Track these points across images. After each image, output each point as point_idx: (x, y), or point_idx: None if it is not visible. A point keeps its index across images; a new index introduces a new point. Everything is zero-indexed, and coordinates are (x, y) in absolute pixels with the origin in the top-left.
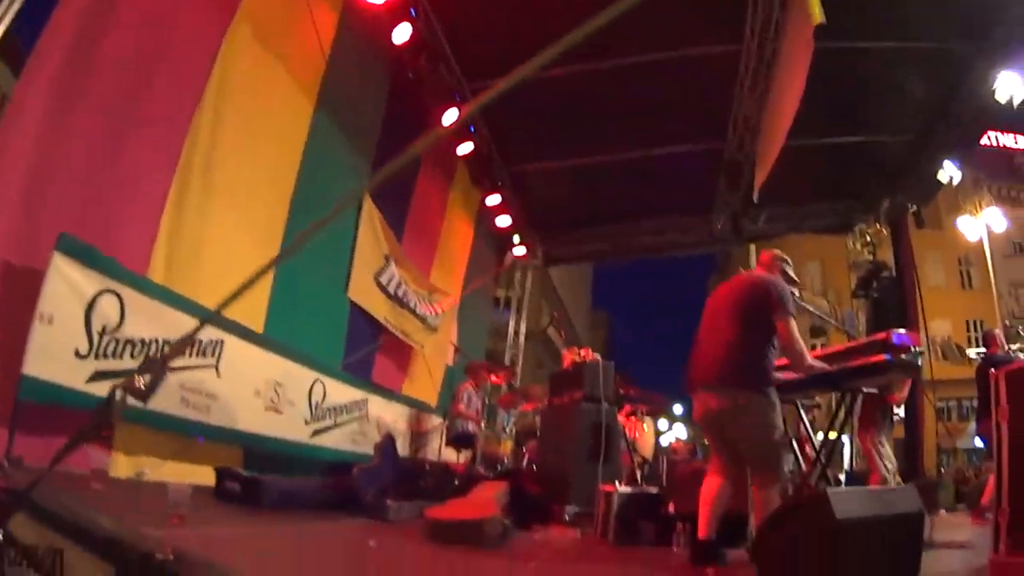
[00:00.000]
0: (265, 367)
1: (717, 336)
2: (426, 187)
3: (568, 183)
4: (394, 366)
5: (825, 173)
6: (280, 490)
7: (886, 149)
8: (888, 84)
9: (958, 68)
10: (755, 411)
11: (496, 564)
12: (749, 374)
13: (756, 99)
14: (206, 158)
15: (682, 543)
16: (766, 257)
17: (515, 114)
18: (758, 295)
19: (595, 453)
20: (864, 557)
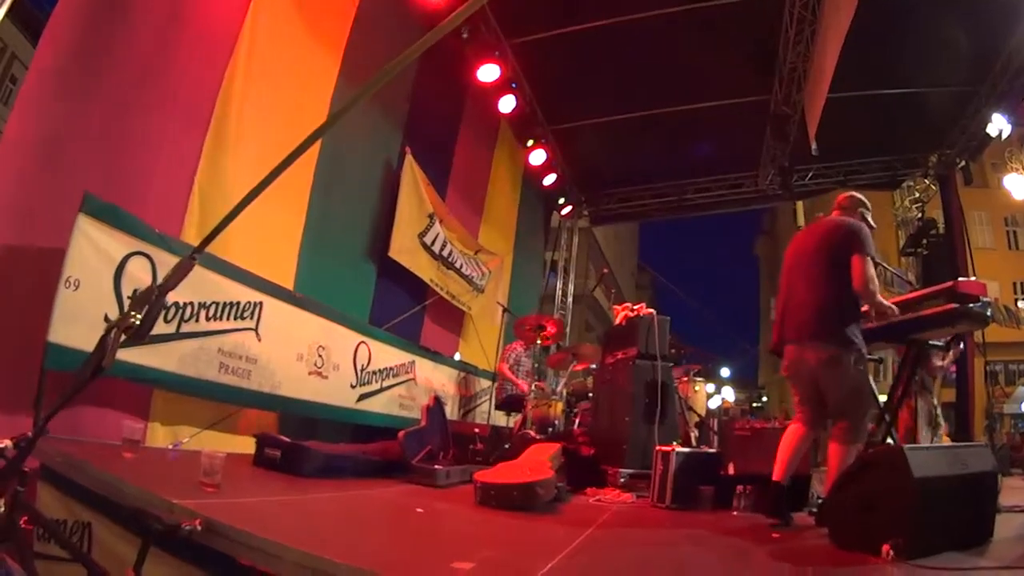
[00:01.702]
0: (307, 329)
1: (806, 287)
2: (468, 145)
3: (612, 140)
4: (445, 329)
5: (872, 127)
6: (323, 456)
7: (934, 101)
8: (935, 34)
9: (1008, 16)
10: (847, 364)
11: (550, 528)
12: (841, 327)
13: (802, 49)
14: (236, 120)
15: (742, 505)
16: (844, 199)
17: (557, 70)
18: (842, 238)
19: (651, 412)
20: (940, 516)
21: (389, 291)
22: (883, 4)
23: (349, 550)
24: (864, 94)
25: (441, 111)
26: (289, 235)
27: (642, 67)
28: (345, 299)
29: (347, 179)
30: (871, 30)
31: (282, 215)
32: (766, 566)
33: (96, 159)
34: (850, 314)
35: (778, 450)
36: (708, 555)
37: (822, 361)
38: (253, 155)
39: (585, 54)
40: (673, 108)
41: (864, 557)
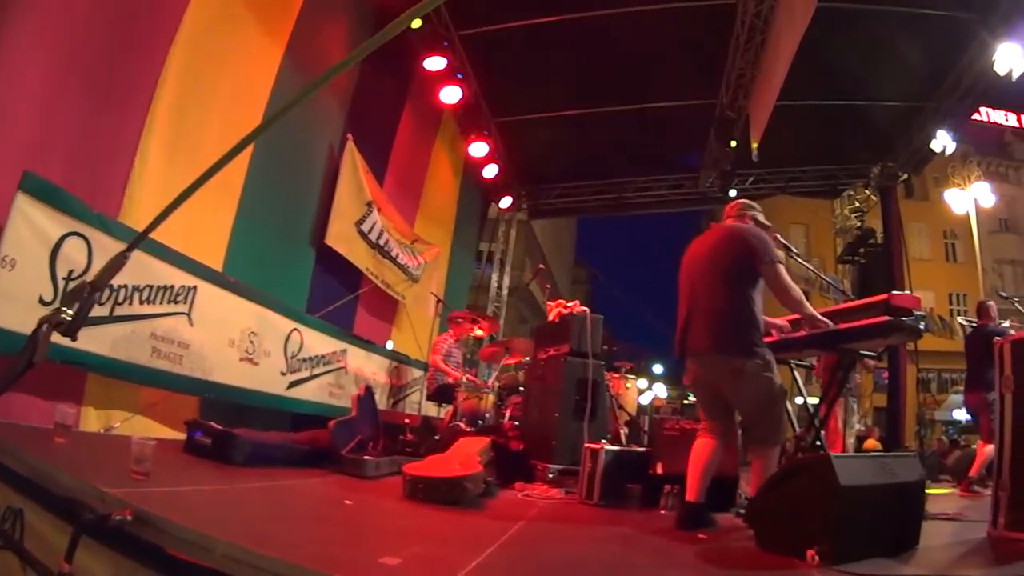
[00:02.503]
0: (239, 315)
1: (703, 299)
2: (409, 134)
3: (556, 135)
4: (378, 318)
5: (817, 136)
6: (254, 445)
7: (880, 115)
8: (887, 49)
9: (960, 37)
10: (752, 374)
11: (478, 523)
12: (741, 337)
13: (751, 56)
14: (176, 103)
15: (670, 505)
16: (732, 208)
17: (505, 63)
18: (736, 247)
19: (581, 409)
20: (866, 523)
21: (326, 278)
22: (837, 17)
23: (278, 543)
24: (811, 103)
25: (384, 98)
26: (220, 218)
27: (590, 64)
28: (281, 285)
29: (286, 163)
30: (823, 41)
31: (213, 197)
32: (692, 567)
33: (34, 139)
34: (748, 323)
35: (688, 468)
36: (634, 554)
37: (725, 374)
38: (193, 138)
39: (534, 49)
40: (619, 107)
41: (789, 561)
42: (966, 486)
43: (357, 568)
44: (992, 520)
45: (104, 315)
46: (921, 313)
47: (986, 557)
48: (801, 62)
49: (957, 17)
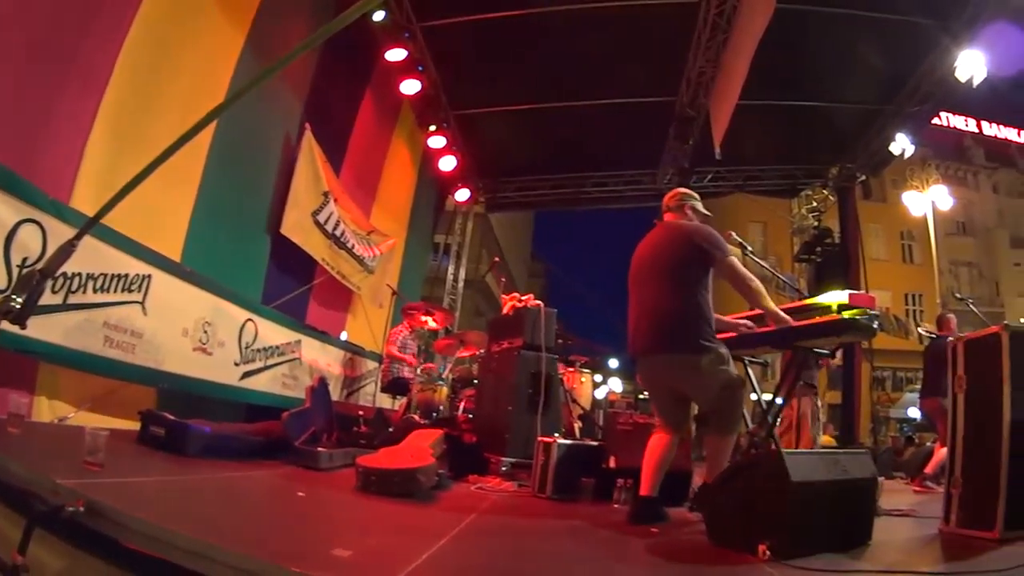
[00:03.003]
0: (194, 304)
1: (654, 299)
2: (367, 125)
3: (515, 129)
4: (332, 308)
5: (777, 135)
6: (207, 436)
7: (840, 116)
8: (849, 52)
9: (922, 43)
10: (707, 369)
11: (430, 516)
12: (692, 335)
13: (712, 55)
14: (133, 89)
15: (623, 499)
16: (670, 199)
17: (467, 56)
18: (684, 247)
19: (534, 403)
20: (817, 519)
21: (281, 268)
22: (800, 18)
23: (230, 534)
24: (772, 103)
25: (344, 89)
26: (179, 206)
27: (552, 59)
28: (237, 275)
29: (245, 152)
30: (786, 42)
31: (173, 185)
32: (643, 560)
33: None
34: (700, 320)
35: (643, 463)
36: (586, 547)
37: (681, 372)
38: (150, 124)
39: (496, 42)
40: (579, 102)
41: (741, 555)
42: (920, 482)
43: (308, 560)
44: (944, 517)
45: (57, 303)
46: (875, 312)
47: (937, 553)
48: (763, 62)
49: (920, 23)
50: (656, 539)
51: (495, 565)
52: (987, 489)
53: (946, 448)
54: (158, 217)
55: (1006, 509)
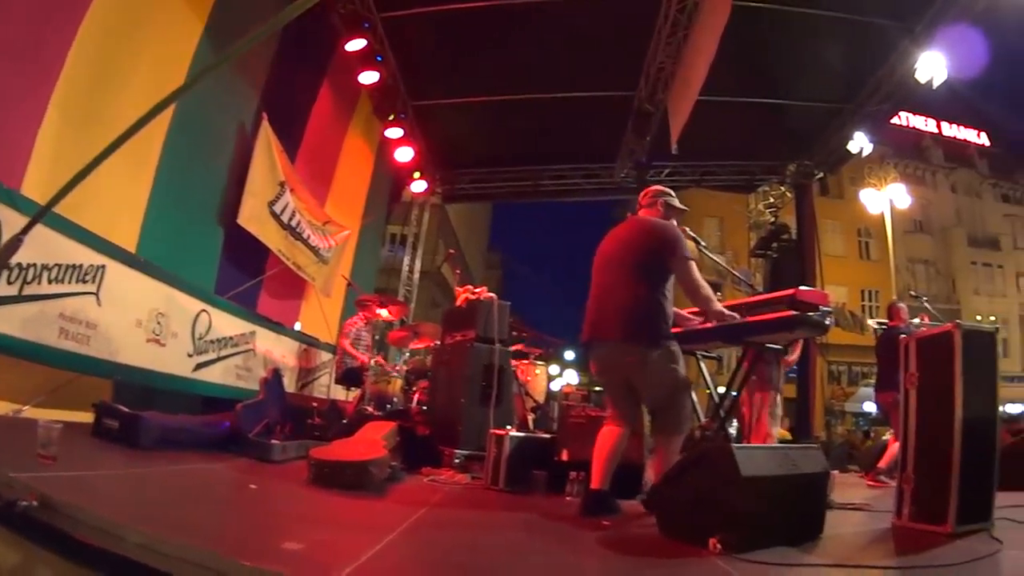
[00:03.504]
0: (148, 295)
1: (613, 288)
2: (324, 115)
3: (474, 121)
4: (284, 299)
5: (735, 132)
6: (161, 428)
7: (799, 114)
8: (810, 51)
9: (883, 44)
10: (658, 363)
11: (382, 508)
12: (649, 328)
13: (673, 49)
14: (88, 76)
15: (575, 491)
16: (644, 197)
17: (426, 47)
18: (648, 240)
19: (486, 395)
20: (768, 513)
21: (233, 258)
22: (763, 17)
23: (181, 527)
24: (731, 100)
25: (301, 78)
26: (135, 196)
27: (512, 52)
28: (190, 265)
29: (200, 142)
30: (747, 40)
31: (129, 175)
32: (594, 553)
33: None
34: (656, 314)
35: (593, 456)
36: (537, 540)
37: (631, 363)
38: (105, 111)
39: (456, 34)
40: (538, 95)
41: (692, 549)
42: (873, 477)
43: (259, 553)
44: (896, 511)
45: (13, 295)
46: (827, 309)
47: (889, 547)
48: (723, 58)
49: (882, 24)
50: (608, 532)
51: (446, 559)
52: (939, 484)
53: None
54: (114, 207)
55: (958, 503)
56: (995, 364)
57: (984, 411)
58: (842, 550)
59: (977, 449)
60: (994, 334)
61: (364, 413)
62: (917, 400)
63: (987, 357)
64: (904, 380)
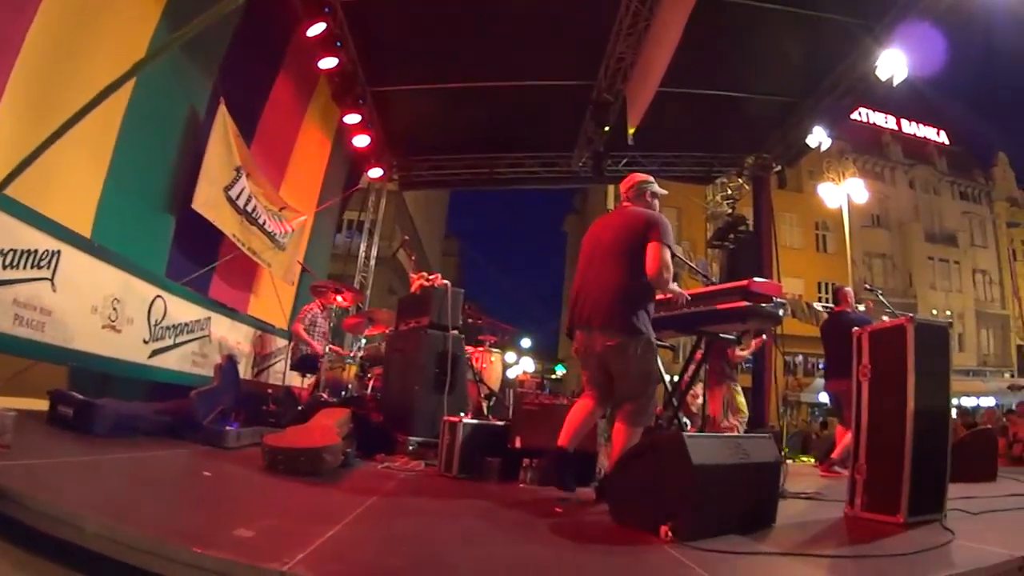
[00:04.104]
0: (104, 281)
1: (599, 275)
2: (282, 98)
3: (432, 107)
4: (237, 284)
5: (693, 123)
6: (116, 415)
7: (758, 107)
8: (771, 45)
9: (845, 41)
10: (637, 353)
11: (336, 495)
12: (630, 316)
13: (634, 40)
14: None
15: (528, 478)
16: (628, 189)
17: (385, 32)
18: (639, 228)
19: (440, 382)
20: (719, 501)
21: (186, 244)
22: (725, 10)
23: (134, 514)
24: (690, 92)
25: (258, 62)
26: (91, 181)
27: (472, 39)
28: (142, 250)
29: (155, 126)
30: (708, 32)
31: (85, 160)
32: (546, 540)
33: None
34: (640, 303)
35: (566, 421)
36: (489, 527)
37: (609, 348)
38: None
39: (417, 20)
40: (497, 83)
41: (644, 536)
42: (827, 467)
43: (210, 540)
44: (849, 500)
45: None
46: (781, 300)
47: (840, 536)
48: (683, 50)
49: (843, 21)
50: (560, 519)
51: (397, 546)
52: (892, 475)
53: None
54: (69, 192)
55: (910, 494)
56: (948, 358)
57: (936, 404)
58: (794, 539)
59: (929, 441)
60: (947, 328)
61: (319, 400)
62: (869, 392)
63: (940, 351)
64: (857, 372)
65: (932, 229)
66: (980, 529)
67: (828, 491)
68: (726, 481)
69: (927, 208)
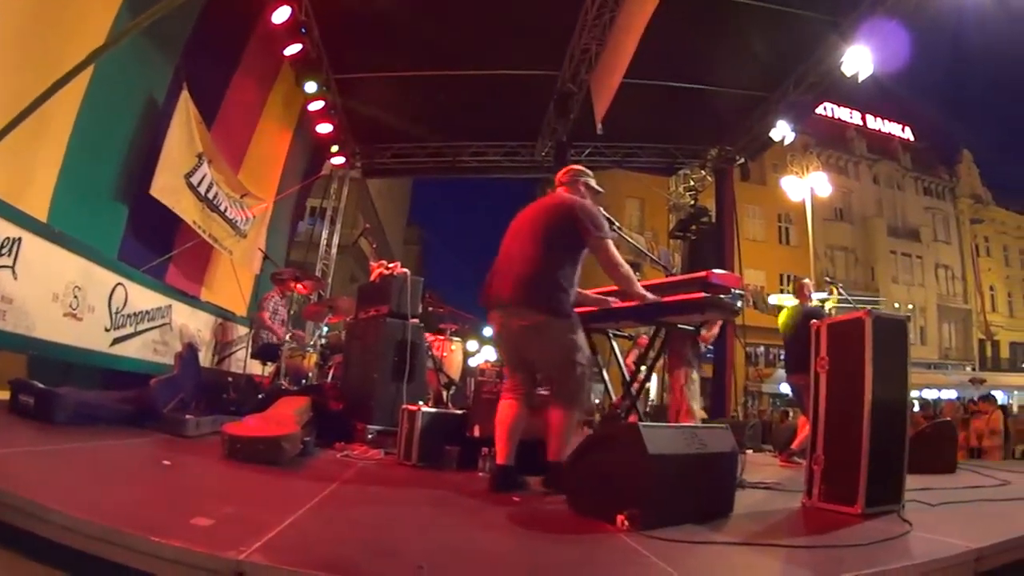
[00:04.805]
0: (65, 269)
1: (517, 256)
2: (244, 85)
3: (396, 95)
4: (193, 270)
5: (658, 115)
6: (76, 404)
7: (723, 100)
8: (737, 38)
9: (812, 36)
10: (554, 331)
11: (294, 483)
12: (547, 296)
13: (599, 31)
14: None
15: (487, 467)
16: (563, 175)
17: (350, 18)
18: (563, 217)
19: (399, 371)
20: (676, 491)
21: (142, 231)
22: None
23: (93, 504)
24: (655, 84)
25: (222, 46)
26: (47, 166)
27: (437, 28)
28: (97, 237)
29: (113, 111)
30: (674, 24)
31: (41, 145)
32: (503, 528)
33: None
34: (559, 286)
35: (495, 433)
36: (447, 515)
37: (526, 328)
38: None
39: (382, 8)
40: (461, 72)
41: (600, 525)
42: (786, 457)
43: (168, 529)
44: (807, 491)
45: None
46: (739, 291)
47: (796, 526)
48: (648, 42)
49: (811, 17)
50: (518, 508)
51: (354, 533)
52: (849, 466)
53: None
54: (24, 177)
55: (868, 485)
56: (906, 351)
57: (894, 397)
58: (750, 528)
59: (887, 433)
60: (905, 322)
61: (279, 388)
62: (827, 384)
63: (898, 344)
64: (815, 364)
65: (895, 224)
66: (937, 521)
67: (787, 481)
68: (683, 471)
69: (890, 203)
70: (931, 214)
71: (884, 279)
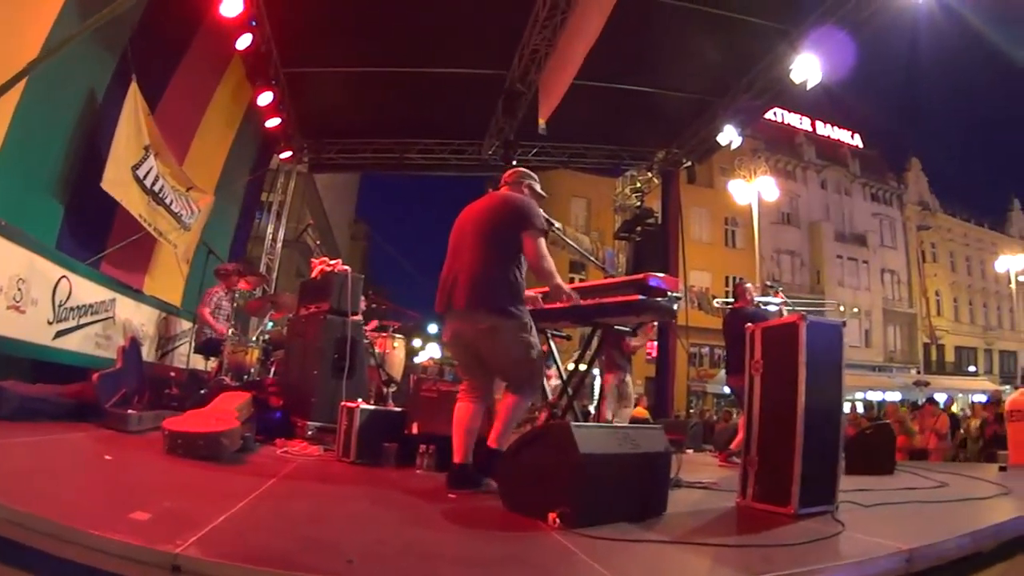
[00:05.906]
0: (10, 261)
1: (465, 257)
2: (189, 77)
3: (345, 91)
4: (135, 263)
5: (605, 116)
6: (19, 398)
7: (671, 103)
8: (688, 42)
9: (761, 43)
10: (508, 332)
11: (233, 479)
12: (499, 297)
13: (548, 34)
14: None
15: (424, 464)
16: (509, 175)
17: (302, 13)
18: (504, 212)
19: (339, 368)
20: (607, 490)
21: (81, 224)
22: (643, 6)
23: (32, 497)
24: (604, 85)
25: (170, 37)
26: None
27: (388, 25)
28: (38, 229)
29: (53, 102)
30: (623, 26)
31: None
32: (436, 524)
33: None
34: (510, 287)
35: (453, 433)
36: (382, 511)
37: (481, 331)
38: None
39: (333, 2)
40: (411, 69)
41: (532, 522)
42: (725, 457)
43: (106, 523)
44: (741, 491)
45: None
46: (677, 295)
47: (729, 525)
48: (598, 43)
49: (760, 24)
50: (453, 505)
51: (291, 529)
52: (783, 467)
53: None
54: None
55: (801, 486)
56: (841, 355)
57: (829, 399)
58: (683, 527)
59: (821, 435)
60: (840, 327)
61: (221, 383)
62: (762, 386)
63: (833, 348)
64: (749, 367)
65: (842, 228)
66: (871, 521)
67: (724, 481)
68: (614, 470)
69: (838, 208)
70: (878, 220)
71: (830, 283)
